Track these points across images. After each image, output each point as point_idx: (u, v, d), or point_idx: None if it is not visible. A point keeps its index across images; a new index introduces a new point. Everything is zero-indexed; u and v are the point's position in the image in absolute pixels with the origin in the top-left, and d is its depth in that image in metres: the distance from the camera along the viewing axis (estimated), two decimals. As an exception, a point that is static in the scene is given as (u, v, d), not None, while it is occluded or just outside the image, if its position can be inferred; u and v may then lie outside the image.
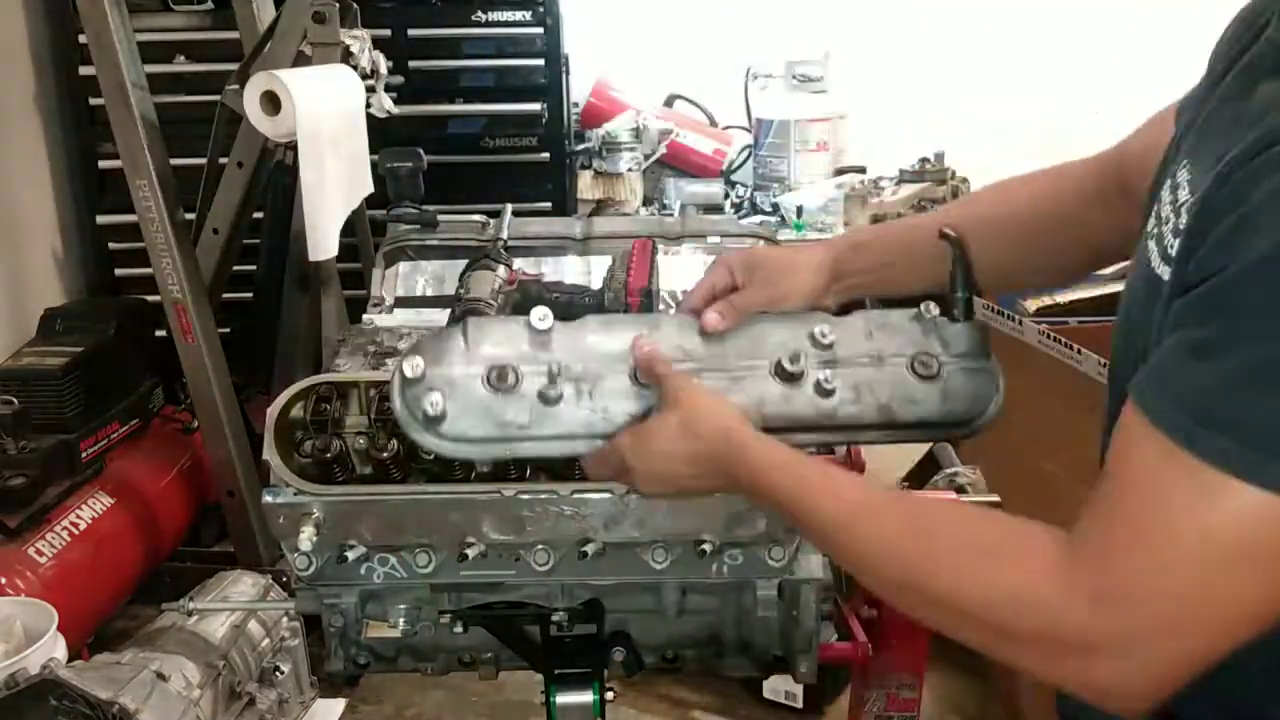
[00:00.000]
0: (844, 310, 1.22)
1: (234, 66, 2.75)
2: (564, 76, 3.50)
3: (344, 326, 2.51)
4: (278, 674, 2.12)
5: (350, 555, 1.27)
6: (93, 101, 3.25)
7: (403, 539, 1.27)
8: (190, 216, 2.85)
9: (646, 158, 3.54)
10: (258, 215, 3.05)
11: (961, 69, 3.95)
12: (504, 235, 1.71)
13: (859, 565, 0.96)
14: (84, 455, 2.67)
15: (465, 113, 3.49)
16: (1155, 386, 0.81)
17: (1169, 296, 0.85)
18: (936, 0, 3.94)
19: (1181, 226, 0.86)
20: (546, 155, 3.47)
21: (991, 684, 2.73)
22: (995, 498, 1.60)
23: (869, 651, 1.40)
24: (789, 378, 1.11)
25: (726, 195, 3.67)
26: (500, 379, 1.06)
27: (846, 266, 1.24)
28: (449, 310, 1.56)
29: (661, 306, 1.62)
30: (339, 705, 2.42)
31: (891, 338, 1.16)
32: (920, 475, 2.34)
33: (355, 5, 2.70)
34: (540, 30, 3.39)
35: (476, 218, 1.77)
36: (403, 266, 1.71)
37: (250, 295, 3.20)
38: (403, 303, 1.67)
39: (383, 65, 2.71)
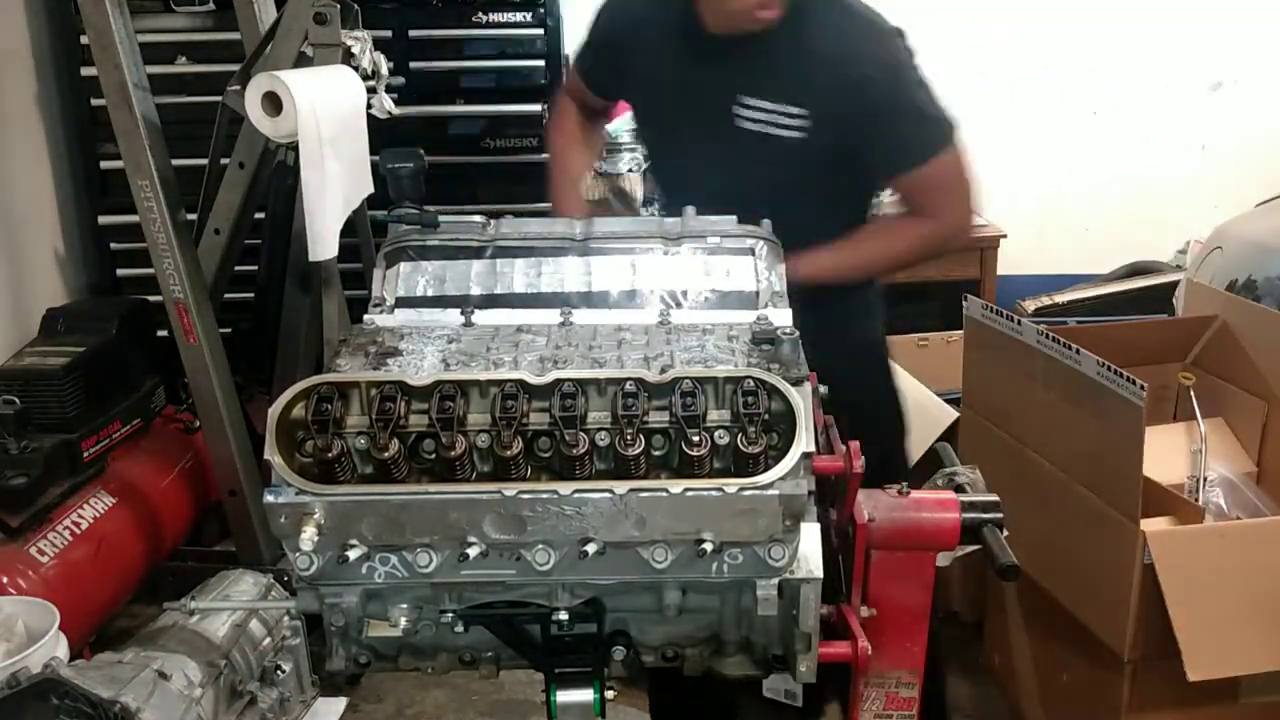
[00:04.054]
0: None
1: (235, 67, 2.76)
2: (564, 77, 3.51)
3: (345, 327, 2.51)
4: (279, 673, 2.13)
5: (351, 555, 1.27)
6: (94, 102, 3.25)
7: (404, 538, 1.28)
8: (192, 217, 2.86)
9: (646, 158, 3.55)
10: (259, 216, 3.06)
11: (959, 70, 3.95)
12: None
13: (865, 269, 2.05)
14: (86, 455, 2.67)
15: (466, 113, 3.50)
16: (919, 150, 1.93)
17: (810, 132, 1.88)
18: (935, 2, 3.94)
19: (795, 113, 1.87)
20: (547, 156, 3.48)
21: (992, 684, 2.73)
22: (994, 497, 1.60)
23: (868, 651, 1.41)
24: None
25: (726, 195, 3.67)
26: None
27: None
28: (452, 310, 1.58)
29: (661, 307, 1.63)
30: (340, 704, 2.43)
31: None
32: (920, 474, 2.34)
33: (356, 6, 2.70)
34: (540, 31, 3.40)
35: (477, 218, 1.77)
36: (404, 267, 1.70)
37: (252, 295, 3.21)
38: (404, 303, 1.67)
39: (384, 66, 2.72)
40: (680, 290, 1.66)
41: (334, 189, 2.40)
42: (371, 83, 2.68)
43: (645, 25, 2.05)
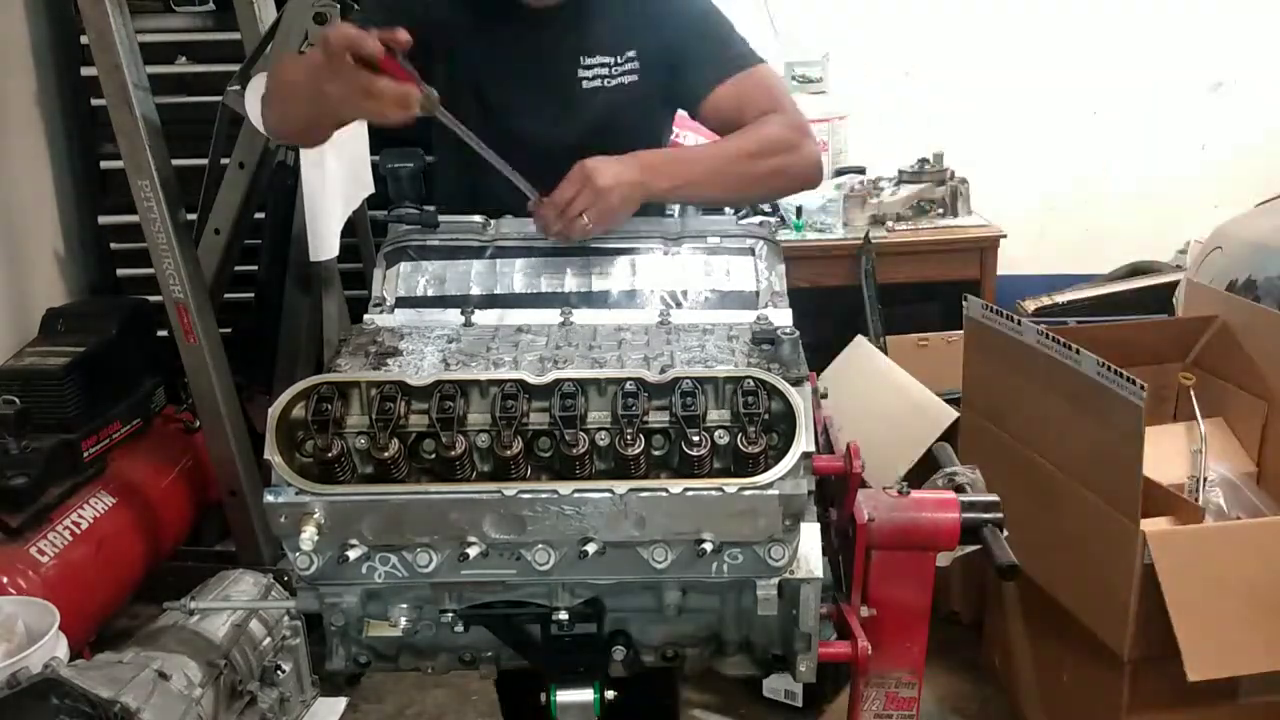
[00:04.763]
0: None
1: (235, 67, 2.77)
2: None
3: (345, 327, 2.52)
4: (279, 673, 2.13)
5: (351, 555, 1.27)
6: (94, 102, 3.26)
7: (404, 538, 1.27)
8: (192, 217, 2.86)
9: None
10: (259, 215, 3.06)
11: (961, 70, 3.96)
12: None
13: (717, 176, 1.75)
14: (86, 455, 2.67)
15: (466, 113, 3.50)
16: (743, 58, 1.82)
17: (641, 74, 1.82)
18: (935, 1, 3.94)
19: (629, 57, 1.82)
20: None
21: (992, 684, 2.73)
22: (994, 497, 1.60)
23: (868, 651, 1.41)
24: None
25: (726, 195, 3.67)
26: None
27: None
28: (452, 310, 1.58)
29: (661, 307, 1.63)
30: (340, 704, 2.43)
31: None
32: (919, 474, 2.34)
33: (356, 6, 2.70)
34: (541, 31, 3.40)
35: (476, 218, 1.77)
36: (404, 267, 1.70)
37: (252, 295, 3.21)
38: (404, 303, 1.67)
39: (383, 66, 2.71)
40: (680, 290, 1.66)
41: (334, 189, 2.41)
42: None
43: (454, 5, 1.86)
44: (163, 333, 2.90)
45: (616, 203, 1.61)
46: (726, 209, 3.62)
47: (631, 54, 1.83)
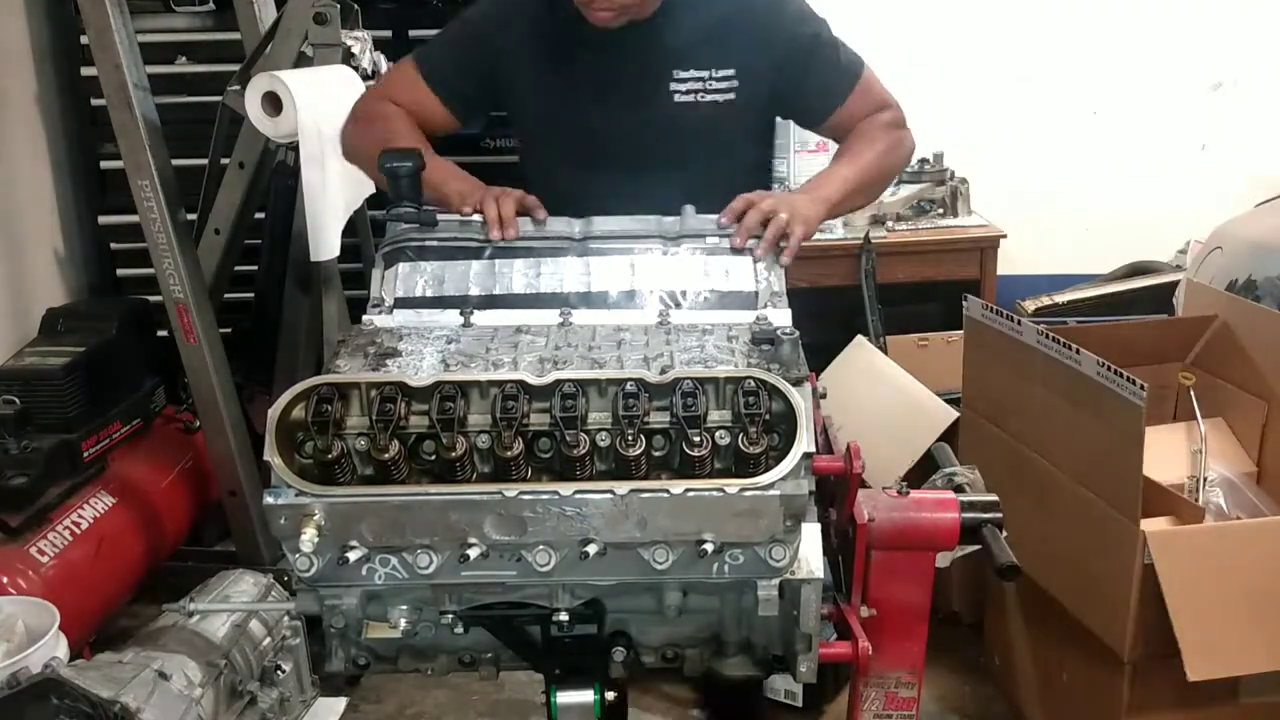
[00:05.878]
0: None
1: (235, 67, 2.77)
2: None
3: (345, 327, 2.52)
4: (279, 673, 2.13)
5: (351, 556, 1.27)
6: (94, 102, 3.26)
7: (404, 540, 1.27)
8: (192, 217, 2.86)
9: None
10: (259, 215, 3.06)
11: (961, 70, 3.96)
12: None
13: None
14: (86, 455, 2.67)
15: (466, 113, 3.50)
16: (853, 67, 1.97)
17: (739, 93, 1.86)
18: (935, 2, 3.94)
19: (723, 75, 1.85)
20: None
21: (992, 684, 2.73)
22: (994, 497, 1.60)
23: (869, 651, 1.41)
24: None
25: (726, 195, 3.67)
26: None
27: None
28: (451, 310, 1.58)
29: (660, 308, 1.63)
30: (340, 704, 2.43)
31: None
32: (919, 474, 2.34)
33: (356, 6, 2.71)
34: (541, 31, 3.40)
35: (475, 217, 1.77)
36: (402, 267, 1.70)
37: (252, 295, 3.21)
38: (402, 303, 1.67)
39: (384, 66, 2.72)
40: (679, 290, 1.66)
41: (335, 189, 2.40)
42: (371, 83, 2.68)
43: (529, 25, 1.91)
44: (163, 333, 2.90)
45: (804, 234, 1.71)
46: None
47: (729, 71, 1.86)
